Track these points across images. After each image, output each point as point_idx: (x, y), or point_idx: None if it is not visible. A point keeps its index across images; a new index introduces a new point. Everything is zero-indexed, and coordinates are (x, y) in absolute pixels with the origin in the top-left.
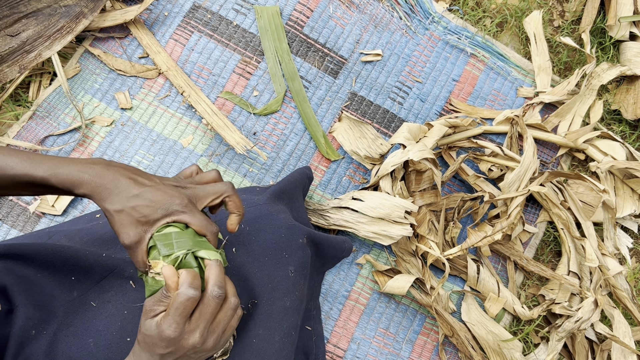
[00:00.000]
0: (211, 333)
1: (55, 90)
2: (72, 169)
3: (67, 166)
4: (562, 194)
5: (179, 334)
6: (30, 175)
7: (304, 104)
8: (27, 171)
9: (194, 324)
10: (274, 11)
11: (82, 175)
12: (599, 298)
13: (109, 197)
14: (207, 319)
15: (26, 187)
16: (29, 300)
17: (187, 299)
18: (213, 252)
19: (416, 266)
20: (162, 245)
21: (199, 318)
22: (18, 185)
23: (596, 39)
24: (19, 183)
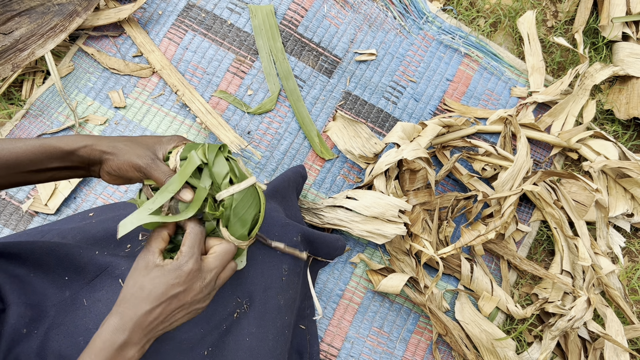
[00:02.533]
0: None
1: (49, 89)
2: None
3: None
4: (555, 193)
5: (197, 267)
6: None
7: (298, 103)
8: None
9: (213, 263)
10: (268, 10)
11: (81, 134)
12: (591, 297)
13: (114, 139)
14: (222, 263)
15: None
16: (21, 299)
17: (200, 232)
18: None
19: (410, 265)
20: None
21: (216, 259)
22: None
23: (589, 39)
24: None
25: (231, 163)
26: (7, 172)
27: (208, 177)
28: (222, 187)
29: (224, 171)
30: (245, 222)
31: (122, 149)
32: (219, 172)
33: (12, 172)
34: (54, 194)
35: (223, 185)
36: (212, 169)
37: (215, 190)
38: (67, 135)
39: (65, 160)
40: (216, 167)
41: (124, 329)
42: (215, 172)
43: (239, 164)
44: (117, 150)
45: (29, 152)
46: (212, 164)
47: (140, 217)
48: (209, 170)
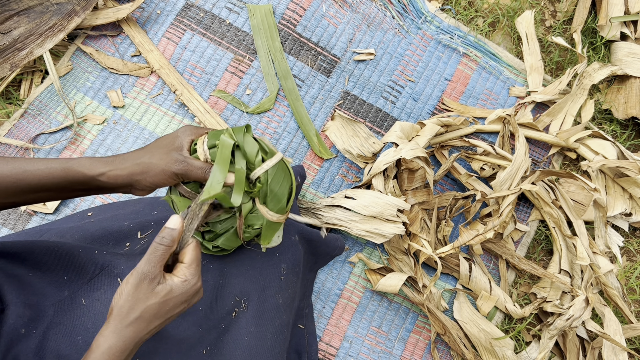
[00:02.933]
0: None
1: (47, 89)
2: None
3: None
4: (553, 192)
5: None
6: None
7: (297, 102)
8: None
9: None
10: (266, 10)
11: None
12: (590, 296)
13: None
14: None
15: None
16: (20, 299)
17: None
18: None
19: (408, 264)
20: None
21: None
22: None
23: (587, 38)
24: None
25: (258, 140)
26: (29, 194)
27: (242, 158)
28: (256, 165)
29: (254, 150)
30: (282, 196)
31: (150, 163)
32: (250, 150)
33: (35, 193)
34: None
35: (257, 162)
36: (245, 149)
37: (250, 170)
38: (86, 159)
39: (88, 185)
40: (246, 146)
41: (124, 349)
42: (248, 152)
43: (264, 140)
44: (145, 167)
45: (51, 176)
46: (242, 144)
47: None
48: (242, 151)
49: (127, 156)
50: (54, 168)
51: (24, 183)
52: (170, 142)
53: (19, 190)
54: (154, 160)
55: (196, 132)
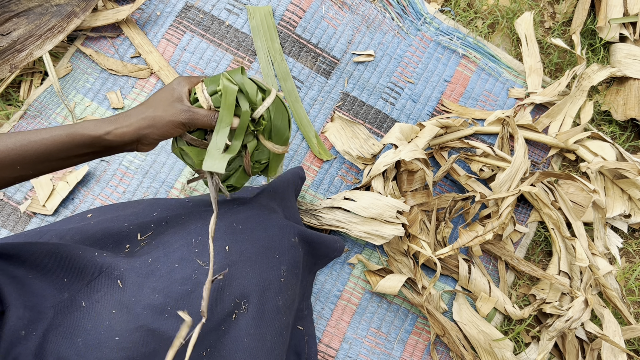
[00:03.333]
0: None
1: (47, 90)
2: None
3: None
4: (552, 194)
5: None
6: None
7: (297, 104)
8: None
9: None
10: (266, 11)
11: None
12: (589, 297)
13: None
14: None
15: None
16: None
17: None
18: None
19: (408, 266)
20: (209, 83)
21: None
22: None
23: (586, 40)
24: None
25: (254, 80)
26: (37, 165)
27: (245, 100)
28: (258, 104)
29: (254, 89)
30: (284, 129)
31: (156, 116)
32: (252, 91)
33: (43, 163)
34: (52, 194)
35: (258, 102)
36: (246, 89)
37: (252, 109)
38: (90, 120)
39: (94, 146)
40: (247, 86)
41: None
42: (249, 92)
43: (258, 79)
44: (151, 121)
45: (57, 143)
46: (244, 86)
47: (215, 162)
48: (245, 93)
49: (130, 112)
50: (58, 135)
51: (29, 154)
52: (169, 95)
53: (26, 161)
54: (158, 112)
55: (191, 81)
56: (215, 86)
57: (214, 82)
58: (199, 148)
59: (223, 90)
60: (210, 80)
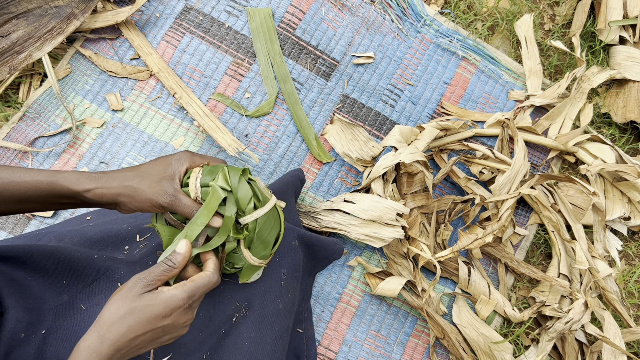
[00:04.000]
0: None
1: (46, 92)
2: (79, 171)
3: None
4: (552, 196)
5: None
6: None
7: (296, 106)
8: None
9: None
10: (266, 13)
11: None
12: (589, 300)
13: (124, 177)
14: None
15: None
16: (19, 303)
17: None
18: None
19: (407, 268)
20: (207, 173)
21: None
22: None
23: (586, 42)
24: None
25: (253, 186)
26: (14, 205)
27: (233, 205)
28: (247, 212)
29: (248, 196)
30: (268, 243)
31: (137, 189)
32: (243, 197)
33: (20, 204)
34: None
35: (247, 210)
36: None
37: (240, 215)
38: (74, 173)
39: (74, 199)
40: (240, 192)
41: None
42: (240, 198)
43: (259, 184)
44: (132, 192)
45: (37, 189)
46: (236, 191)
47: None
48: (235, 197)
49: (116, 175)
50: (39, 181)
51: (8, 194)
52: (164, 169)
53: (3, 200)
54: (142, 186)
55: (193, 161)
56: (211, 179)
57: (211, 173)
58: (176, 228)
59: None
60: (209, 169)
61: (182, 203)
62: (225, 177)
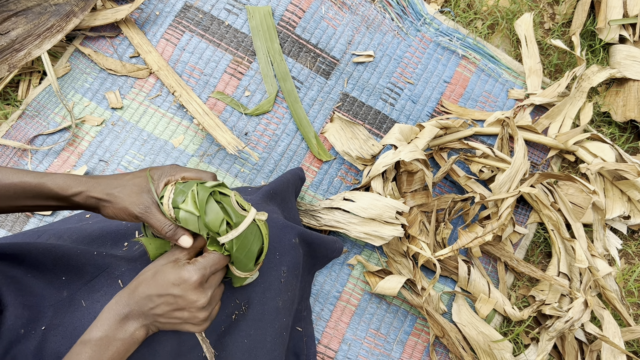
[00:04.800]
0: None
1: (45, 90)
2: (66, 174)
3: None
4: (552, 195)
5: (200, 281)
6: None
7: (296, 104)
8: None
9: (209, 283)
10: (265, 11)
11: (76, 177)
12: (588, 299)
13: (107, 184)
14: (215, 284)
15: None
16: (18, 300)
17: (221, 259)
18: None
19: (407, 267)
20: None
21: (212, 285)
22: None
23: (586, 41)
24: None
25: (224, 206)
26: (2, 204)
27: (204, 227)
28: (222, 233)
29: (218, 219)
30: (251, 257)
31: (117, 196)
32: (213, 220)
33: (8, 204)
34: None
35: (221, 231)
36: (205, 220)
37: (215, 236)
38: (62, 176)
39: (60, 201)
40: (209, 215)
41: (128, 303)
42: (210, 222)
43: (232, 200)
44: (112, 198)
45: (25, 190)
46: (204, 215)
47: None
48: (203, 221)
49: (101, 180)
50: (27, 183)
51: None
52: (144, 183)
53: None
54: (122, 195)
55: (171, 175)
56: (181, 199)
57: (182, 193)
58: (162, 240)
59: (182, 222)
60: (181, 188)
61: (154, 217)
62: (194, 199)
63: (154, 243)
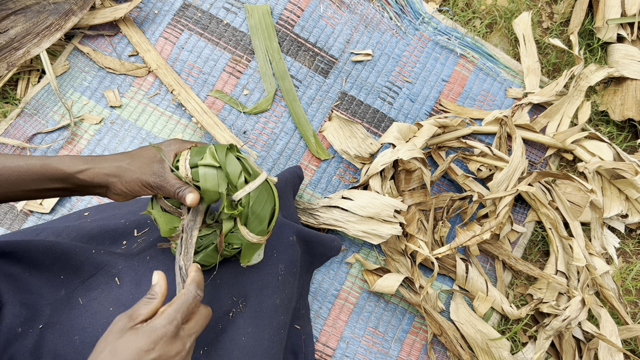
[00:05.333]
0: (192, 347)
1: (44, 88)
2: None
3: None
4: (550, 194)
5: (175, 333)
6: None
7: (294, 103)
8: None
9: (194, 328)
10: (264, 10)
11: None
12: (586, 297)
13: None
14: (202, 327)
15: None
16: (17, 298)
17: (190, 298)
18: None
19: (405, 265)
20: (195, 154)
21: (194, 327)
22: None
23: (584, 40)
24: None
25: (242, 161)
26: (8, 189)
27: (224, 180)
28: (239, 187)
29: (237, 170)
30: (264, 218)
31: (127, 169)
32: (233, 172)
33: (14, 190)
34: None
35: (239, 184)
36: (227, 170)
37: (232, 191)
38: (67, 156)
39: (66, 182)
40: (229, 167)
41: None
42: (230, 173)
43: (249, 161)
44: (122, 172)
45: (31, 172)
46: (225, 166)
47: None
48: (224, 172)
49: (108, 157)
50: (33, 164)
51: (2, 179)
52: (154, 153)
53: None
54: (132, 167)
55: (181, 146)
56: (199, 159)
57: (199, 153)
58: (172, 215)
59: (201, 177)
60: (197, 150)
61: (169, 182)
62: (213, 155)
63: (164, 216)
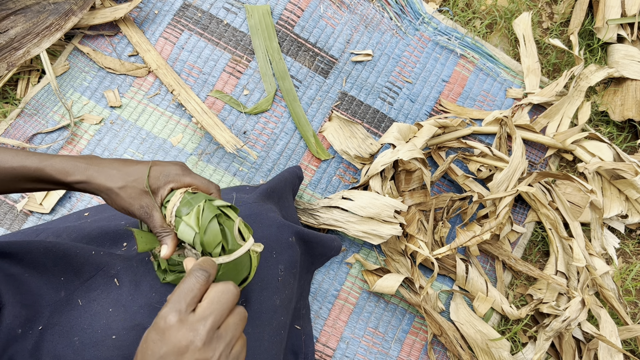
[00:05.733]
0: (218, 338)
1: (44, 88)
2: (67, 159)
3: (61, 157)
4: (550, 194)
5: (177, 321)
6: (25, 166)
7: (295, 103)
8: (21, 163)
9: (206, 310)
10: (264, 10)
11: (77, 162)
12: (586, 298)
13: (109, 176)
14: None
15: (19, 182)
16: (16, 299)
17: (196, 280)
18: (227, 203)
19: (405, 265)
20: (185, 203)
21: (211, 304)
22: (11, 179)
23: (584, 40)
24: (12, 177)
25: (225, 230)
26: (2, 186)
27: (199, 244)
28: (213, 255)
29: (215, 242)
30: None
31: (117, 194)
32: (209, 242)
33: (7, 187)
34: (49, 193)
35: (214, 253)
36: (203, 238)
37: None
38: (60, 161)
39: (62, 186)
40: (207, 236)
41: None
42: (206, 242)
43: (235, 227)
44: (113, 195)
45: (25, 174)
46: (203, 234)
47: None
48: (200, 239)
49: (103, 169)
50: (27, 168)
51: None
52: (150, 180)
53: None
54: (122, 194)
55: (181, 182)
56: (186, 211)
57: (189, 204)
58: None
59: (179, 234)
60: (189, 199)
61: (154, 221)
62: (198, 216)
63: (145, 237)
